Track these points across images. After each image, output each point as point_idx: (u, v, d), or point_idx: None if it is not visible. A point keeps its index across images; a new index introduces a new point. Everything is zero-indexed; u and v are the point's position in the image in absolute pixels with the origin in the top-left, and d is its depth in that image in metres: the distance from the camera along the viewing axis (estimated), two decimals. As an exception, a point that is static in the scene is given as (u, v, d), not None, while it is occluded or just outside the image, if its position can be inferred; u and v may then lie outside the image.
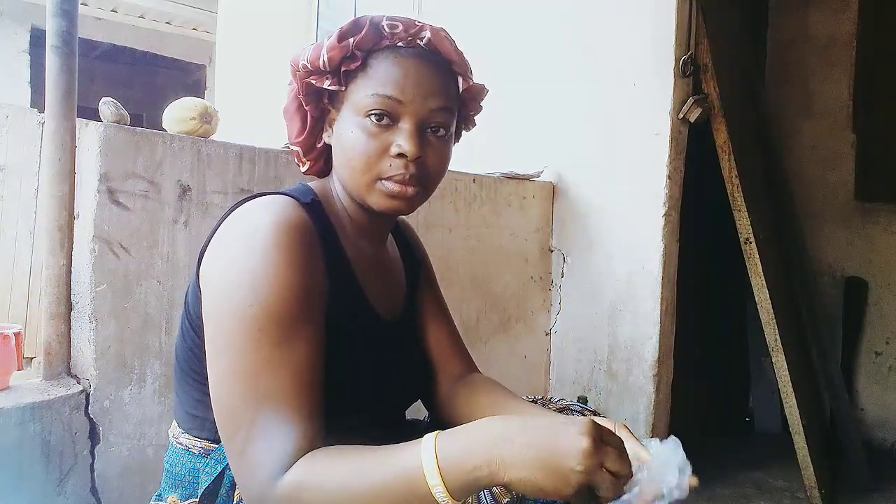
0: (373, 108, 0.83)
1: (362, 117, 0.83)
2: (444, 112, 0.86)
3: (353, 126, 0.84)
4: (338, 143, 0.88)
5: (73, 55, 1.36)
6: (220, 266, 0.78)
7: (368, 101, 0.83)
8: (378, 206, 0.86)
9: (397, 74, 0.83)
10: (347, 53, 0.84)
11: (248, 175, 1.58)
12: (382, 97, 0.82)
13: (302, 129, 0.92)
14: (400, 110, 0.83)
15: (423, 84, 0.84)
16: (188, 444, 0.89)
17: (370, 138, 0.83)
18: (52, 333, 1.34)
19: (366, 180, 0.85)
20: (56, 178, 1.33)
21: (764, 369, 3.05)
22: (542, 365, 2.57)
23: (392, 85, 0.83)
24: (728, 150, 2.29)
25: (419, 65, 0.85)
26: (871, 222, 3.03)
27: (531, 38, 2.62)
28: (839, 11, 3.10)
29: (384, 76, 0.83)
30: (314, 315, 0.77)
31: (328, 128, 0.91)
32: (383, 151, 0.83)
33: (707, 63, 2.29)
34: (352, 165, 0.85)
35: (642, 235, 2.31)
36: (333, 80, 0.86)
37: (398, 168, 0.83)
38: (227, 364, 0.74)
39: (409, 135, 0.83)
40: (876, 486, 2.48)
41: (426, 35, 0.85)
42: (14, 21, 6.44)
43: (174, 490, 0.90)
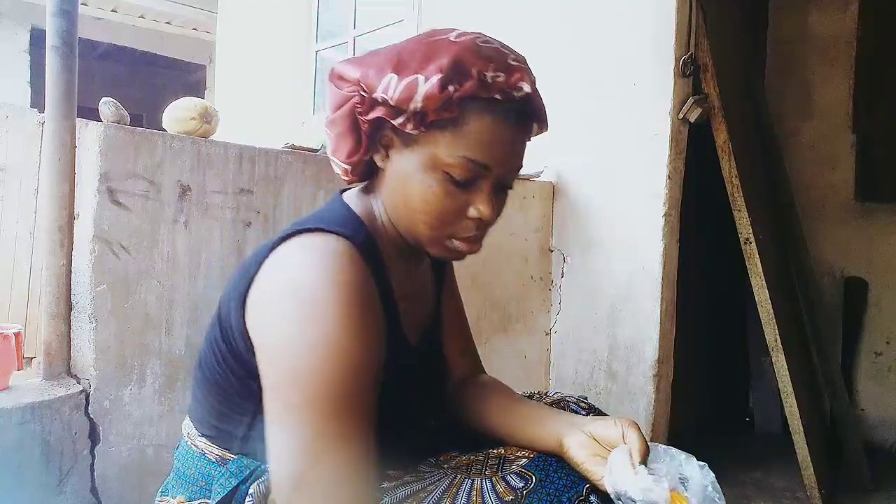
0: (457, 170, 0.77)
1: (441, 172, 0.77)
2: (519, 170, 0.84)
3: (429, 177, 0.78)
4: (400, 181, 0.81)
5: (73, 55, 1.36)
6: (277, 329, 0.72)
7: (455, 160, 0.76)
8: (436, 254, 0.84)
9: (491, 140, 0.77)
10: (444, 104, 0.74)
11: (248, 175, 1.58)
12: (472, 162, 0.77)
13: (355, 150, 0.83)
14: (483, 174, 0.79)
15: (512, 150, 0.80)
16: (204, 448, 0.87)
17: (447, 197, 0.78)
18: (52, 333, 1.34)
19: (434, 235, 0.81)
20: (56, 178, 1.33)
21: (764, 369, 3.05)
22: (542, 365, 2.57)
23: (484, 151, 0.77)
24: (728, 150, 2.29)
25: (513, 131, 0.79)
26: (871, 222, 3.03)
27: (531, 38, 2.62)
28: (839, 11, 3.10)
29: (477, 140, 0.76)
30: (378, 377, 0.74)
31: (381, 149, 0.83)
32: (460, 213, 0.80)
33: (707, 63, 2.28)
34: (418, 217, 0.80)
35: (642, 235, 2.31)
36: (416, 125, 0.76)
37: (471, 230, 0.81)
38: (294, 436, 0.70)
39: (488, 199, 0.79)
40: (876, 486, 2.48)
41: (524, 89, 0.78)
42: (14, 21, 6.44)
43: (183, 489, 0.89)
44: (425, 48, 0.77)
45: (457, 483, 0.82)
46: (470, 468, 0.85)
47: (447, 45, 0.77)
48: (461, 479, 0.82)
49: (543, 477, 0.80)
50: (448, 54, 0.75)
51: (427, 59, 0.76)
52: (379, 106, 0.78)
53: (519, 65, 0.79)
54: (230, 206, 1.54)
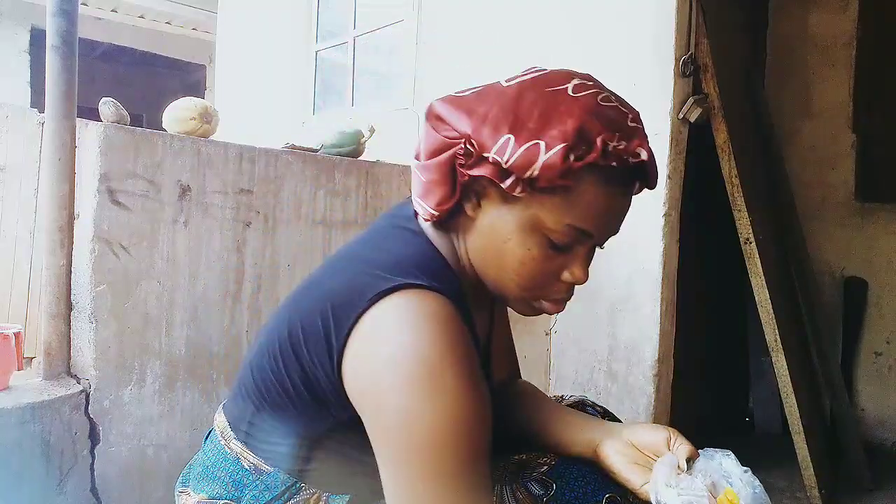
0: (560, 236, 0.74)
1: (542, 236, 0.74)
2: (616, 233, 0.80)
3: (528, 239, 0.74)
4: (493, 237, 0.76)
5: (73, 55, 1.36)
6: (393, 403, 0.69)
7: (559, 227, 0.73)
8: (519, 311, 0.83)
9: (598, 209, 0.73)
10: (563, 174, 0.69)
11: (248, 175, 1.58)
12: (576, 230, 0.73)
13: (447, 199, 0.76)
14: (585, 241, 0.76)
15: (617, 218, 0.77)
16: (239, 453, 0.84)
17: (545, 262, 0.76)
18: (52, 333, 1.34)
19: (523, 294, 0.79)
20: (56, 178, 1.33)
21: (764, 369, 3.05)
22: (542, 365, 2.57)
23: (589, 220, 0.73)
24: (728, 150, 2.29)
25: (622, 196, 0.75)
26: (871, 222, 3.03)
27: (531, 38, 2.62)
28: (839, 11, 3.09)
29: (585, 208, 0.72)
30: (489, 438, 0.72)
31: (474, 199, 0.77)
32: (555, 276, 0.78)
33: (707, 63, 2.28)
34: (510, 276, 0.77)
35: (642, 235, 2.31)
36: (524, 188, 0.71)
37: (563, 293, 0.80)
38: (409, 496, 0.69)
39: (584, 263, 0.78)
40: (876, 486, 2.48)
41: (641, 156, 0.72)
42: (14, 21, 6.45)
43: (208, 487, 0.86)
44: (544, 105, 0.72)
45: None
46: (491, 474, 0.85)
47: (569, 103, 0.72)
48: None
49: (564, 485, 0.80)
50: (571, 118, 0.70)
51: (548, 122, 0.70)
52: (488, 164, 0.72)
53: (636, 126, 0.75)
54: (230, 206, 1.54)
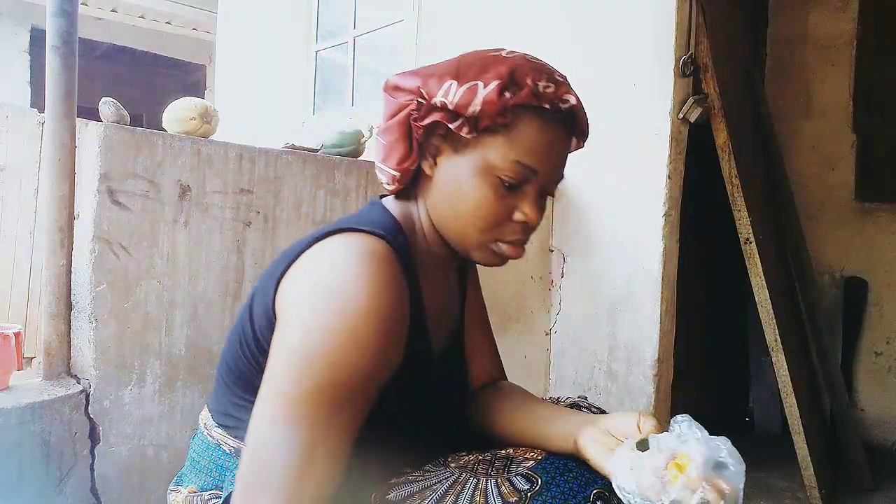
0: (508, 173, 0.81)
1: (492, 176, 0.81)
2: (561, 180, 0.87)
3: (480, 182, 0.81)
4: (450, 187, 0.84)
5: (73, 55, 1.36)
6: (303, 312, 0.74)
7: (506, 165, 0.80)
8: (480, 260, 0.87)
9: (541, 145, 0.81)
10: (501, 110, 0.79)
11: (248, 175, 1.58)
12: (522, 166, 0.81)
13: (406, 157, 0.85)
14: (531, 178, 0.82)
15: (559, 158, 0.85)
16: (220, 439, 0.89)
17: (497, 201, 0.82)
18: (52, 333, 1.34)
19: (480, 239, 0.84)
20: (56, 178, 1.33)
21: (764, 369, 3.05)
22: (542, 365, 2.57)
23: (533, 156, 0.81)
24: (728, 150, 2.29)
25: (560, 136, 0.84)
26: (871, 222, 3.03)
27: (531, 38, 2.62)
28: (839, 11, 3.10)
29: (527, 144, 0.81)
30: (381, 384, 0.76)
31: (429, 157, 0.86)
32: (507, 216, 0.83)
33: (707, 63, 2.28)
34: (466, 220, 0.83)
35: (642, 235, 2.31)
36: (470, 129, 0.80)
37: (517, 233, 0.84)
38: (280, 407, 0.71)
39: (534, 202, 0.83)
40: (876, 486, 2.48)
41: (570, 101, 0.82)
42: (14, 21, 6.44)
43: (196, 479, 0.91)
44: (482, 60, 0.83)
45: (461, 482, 0.82)
46: (476, 468, 0.85)
47: (502, 58, 0.83)
48: (466, 477, 0.82)
49: (550, 480, 0.79)
50: (505, 65, 0.81)
51: (485, 69, 0.81)
52: (436, 111, 0.81)
53: (564, 80, 0.84)
54: (230, 206, 1.54)
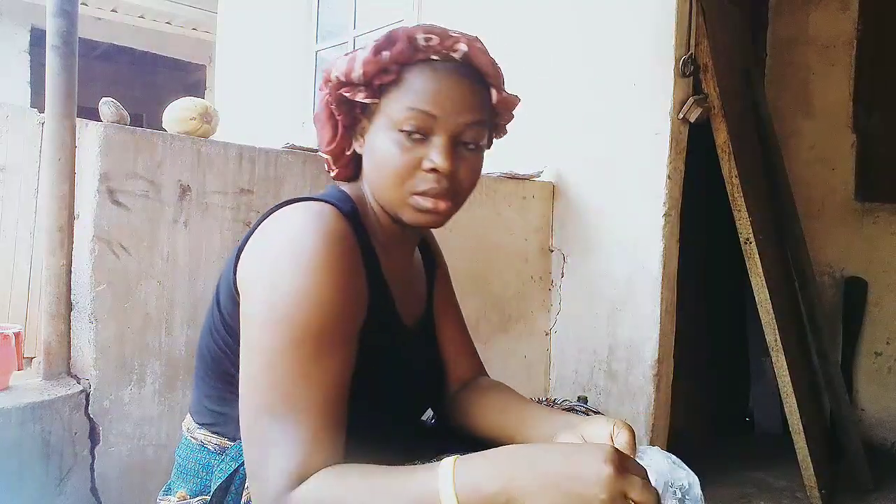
0: (407, 123, 0.82)
1: (396, 132, 0.83)
2: (477, 126, 0.85)
3: (386, 140, 0.84)
4: (370, 155, 0.87)
5: (73, 55, 1.36)
6: (263, 275, 0.77)
7: (402, 115, 0.82)
8: (410, 220, 0.86)
9: (432, 88, 0.83)
10: (382, 67, 0.83)
11: (248, 175, 1.58)
12: (417, 112, 0.82)
13: (332, 138, 0.91)
14: (433, 125, 0.82)
15: (458, 99, 0.83)
16: (203, 439, 0.90)
17: (403, 153, 0.83)
18: (52, 333, 1.34)
19: (398, 195, 0.85)
20: (56, 178, 1.33)
21: (764, 369, 3.05)
22: (542, 365, 2.57)
23: (427, 99, 0.82)
24: (728, 150, 2.29)
25: (454, 79, 0.84)
26: (871, 222, 3.03)
27: (531, 38, 2.62)
28: (839, 11, 3.10)
29: (419, 90, 0.83)
30: (351, 332, 0.78)
31: (359, 137, 0.90)
32: (416, 166, 0.83)
33: (707, 63, 2.28)
34: (384, 179, 0.85)
35: (642, 235, 2.31)
36: (367, 93, 0.85)
37: (430, 183, 0.83)
38: (258, 372, 0.74)
39: (441, 149, 0.82)
40: (876, 486, 2.48)
41: (462, 48, 0.84)
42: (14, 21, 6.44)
43: (184, 484, 0.90)
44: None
45: None
46: None
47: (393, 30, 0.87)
48: None
49: None
50: (386, 32, 0.86)
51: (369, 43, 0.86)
52: (338, 87, 0.87)
53: (458, 34, 0.85)
54: (230, 206, 1.54)
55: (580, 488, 0.60)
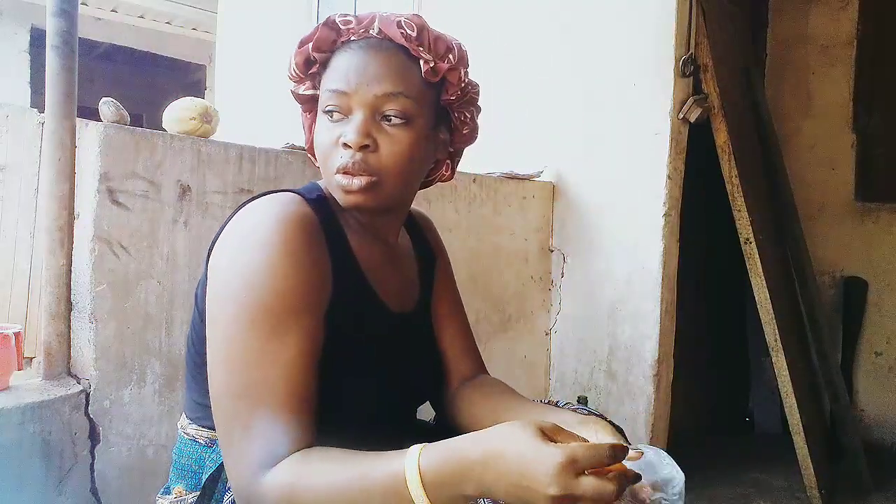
0: (326, 104, 0.85)
1: (322, 115, 0.86)
2: (395, 98, 0.83)
3: (318, 124, 0.87)
4: None
5: (73, 55, 1.36)
6: (223, 259, 0.80)
7: (323, 98, 0.86)
8: (341, 202, 0.86)
9: (344, 67, 0.85)
10: (307, 57, 0.87)
11: (248, 175, 1.58)
12: (332, 92, 0.84)
13: (307, 135, 0.96)
14: (349, 102, 0.83)
15: (368, 71, 0.83)
16: (195, 433, 0.90)
17: (325, 132, 0.85)
18: (52, 333, 1.34)
19: (328, 177, 0.86)
20: (56, 178, 1.32)
21: (764, 369, 3.05)
22: (542, 365, 2.57)
23: (339, 78, 0.84)
24: (728, 150, 2.29)
25: (365, 54, 0.85)
26: (871, 222, 3.03)
27: (531, 38, 2.62)
28: (839, 11, 3.10)
29: (335, 71, 0.86)
30: (311, 310, 0.78)
31: None
32: (335, 144, 0.84)
33: (707, 63, 2.28)
34: (319, 164, 0.88)
35: (642, 235, 2.31)
36: (308, 85, 0.90)
37: (344, 158, 0.82)
38: (220, 354, 0.76)
39: (354, 124, 0.82)
40: (876, 486, 2.48)
41: (376, 24, 0.85)
42: (14, 21, 6.44)
43: (181, 480, 0.91)
44: None
45: None
46: None
47: None
48: None
49: None
50: None
51: None
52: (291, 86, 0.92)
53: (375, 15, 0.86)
54: (230, 206, 1.54)
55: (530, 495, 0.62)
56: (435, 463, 0.65)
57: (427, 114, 0.87)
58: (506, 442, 0.64)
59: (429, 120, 0.88)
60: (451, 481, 0.65)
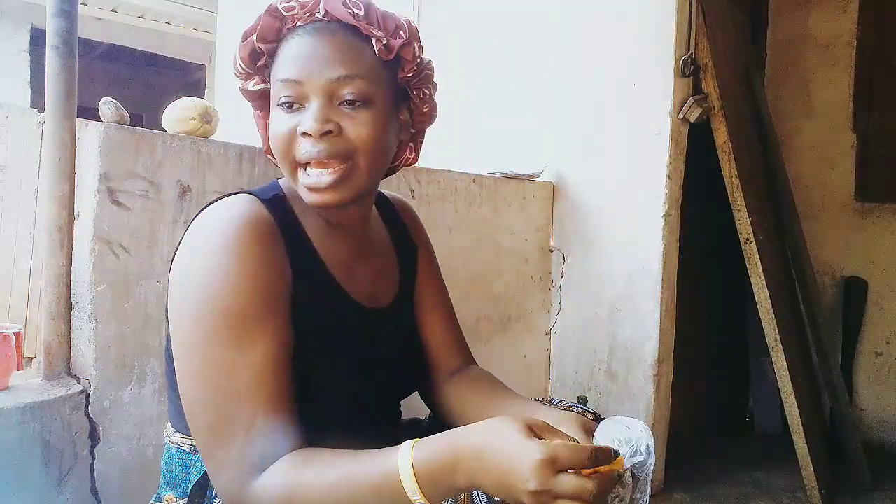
0: (280, 96, 0.80)
1: (276, 108, 0.82)
2: (352, 81, 0.79)
3: (273, 118, 0.82)
4: None
5: (73, 55, 1.36)
6: (179, 267, 0.78)
7: (276, 89, 0.81)
8: (307, 199, 0.82)
9: (293, 56, 0.80)
10: (252, 49, 0.83)
11: (248, 175, 1.58)
12: (284, 82, 0.80)
13: (263, 136, 0.92)
14: (304, 91, 0.79)
15: (319, 56, 0.79)
16: (179, 441, 0.90)
17: (280, 124, 0.81)
18: (52, 333, 1.34)
19: (289, 172, 0.83)
20: (56, 178, 1.32)
21: (764, 369, 3.05)
22: (542, 365, 2.57)
23: (289, 67, 0.80)
24: (728, 150, 2.29)
25: (313, 38, 0.80)
26: (871, 222, 3.03)
27: (531, 38, 2.62)
28: (839, 11, 3.10)
29: (282, 61, 0.81)
30: (273, 312, 0.76)
31: None
32: (293, 135, 0.80)
33: (707, 63, 2.28)
34: (278, 159, 0.84)
35: (642, 235, 2.31)
36: (258, 80, 0.86)
37: (307, 148, 0.78)
38: (187, 366, 0.75)
39: (311, 112, 0.78)
40: (876, 486, 2.48)
41: (321, 6, 0.80)
42: (14, 21, 6.44)
43: (170, 489, 0.91)
44: None
45: None
46: None
47: None
48: None
49: None
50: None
51: None
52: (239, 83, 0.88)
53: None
54: (230, 206, 1.54)
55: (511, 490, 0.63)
56: (427, 457, 0.66)
57: (386, 93, 0.83)
58: (493, 436, 0.65)
59: (388, 100, 0.84)
60: (443, 474, 0.66)
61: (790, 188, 2.87)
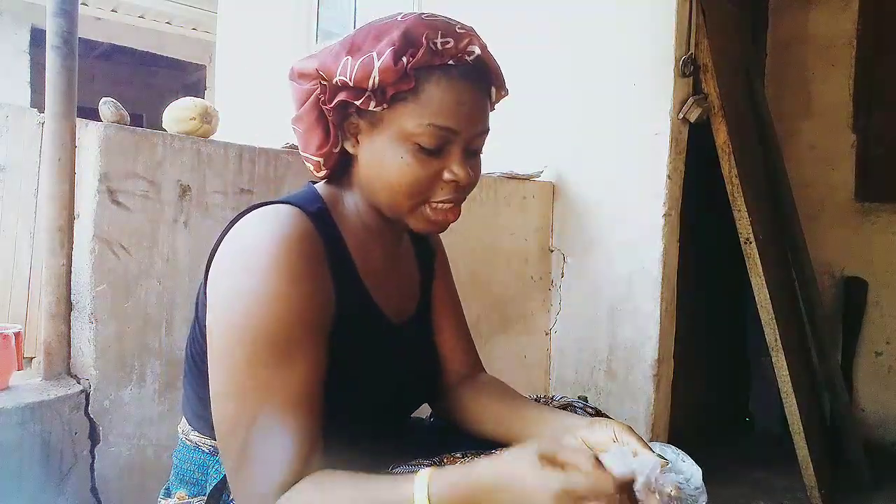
0: (425, 138, 0.79)
1: (411, 143, 0.80)
2: (486, 134, 0.86)
3: (399, 150, 0.80)
4: (374, 161, 0.83)
5: (73, 55, 1.36)
6: (222, 282, 0.77)
7: (421, 130, 0.79)
8: (417, 227, 0.86)
9: (451, 103, 0.79)
10: (400, 76, 0.77)
11: (248, 175, 1.58)
12: (436, 128, 0.79)
13: (324, 142, 0.85)
14: (453, 139, 0.81)
15: (475, 111, 0.82)
16: (198, 441, 0.90)
17: (421, 166, 0.81)
18: (52, 333, 1.34)
19: (411, 204, 0.84)
20: (56, 178, 1.33)
21: (764, 369, 3.04)
22: (542, 365, 2.57)
23: (447, 115, 0.79)
24: (728, 150, 2.29)
25: (471, 90, 0.81)
26: (871, 222, 3.03)
27: (531, 38, 2.62)
28: (839, 11, 3.09)
29: (439, 105, 0.79)
30: (314, 333, 0.76)
31: (350, 137, 0.85)
32: (435, 178, 0.82)
33: (707, 63, 2.28)
34: (395, 189, 0.82)
35: (642, 235, 2.31)
36: (378, 101, 0.79)
37: (448, 193, 0.83)
38: (223, 382, 0.74)
39: (460, 161, 0.82)
40: (876, 486, 2.48)
41: (475, 51, 0.81)
42: (14, 21, 6.45)
43: (183, 486, 0.91)
44: (375, 30, 0.81)
45: None
46: None
47: (395, 22, 0.81)
48: None
49: None
50: (397, 29, 0.79)
51: (378, 38, 0.80)
52: (340, 90, 0.81)
53: (466, 31, 0.82)
54: (230, 206, 1.54)
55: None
56: (443, 491, 0.65)
57: None
58: (510, 469, 0.64)
59: None
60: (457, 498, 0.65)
61: (790, 188, 2.87)
